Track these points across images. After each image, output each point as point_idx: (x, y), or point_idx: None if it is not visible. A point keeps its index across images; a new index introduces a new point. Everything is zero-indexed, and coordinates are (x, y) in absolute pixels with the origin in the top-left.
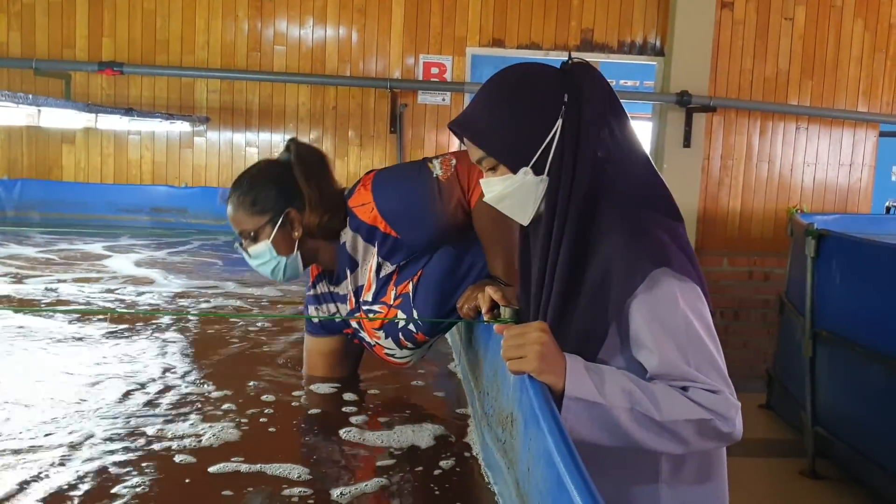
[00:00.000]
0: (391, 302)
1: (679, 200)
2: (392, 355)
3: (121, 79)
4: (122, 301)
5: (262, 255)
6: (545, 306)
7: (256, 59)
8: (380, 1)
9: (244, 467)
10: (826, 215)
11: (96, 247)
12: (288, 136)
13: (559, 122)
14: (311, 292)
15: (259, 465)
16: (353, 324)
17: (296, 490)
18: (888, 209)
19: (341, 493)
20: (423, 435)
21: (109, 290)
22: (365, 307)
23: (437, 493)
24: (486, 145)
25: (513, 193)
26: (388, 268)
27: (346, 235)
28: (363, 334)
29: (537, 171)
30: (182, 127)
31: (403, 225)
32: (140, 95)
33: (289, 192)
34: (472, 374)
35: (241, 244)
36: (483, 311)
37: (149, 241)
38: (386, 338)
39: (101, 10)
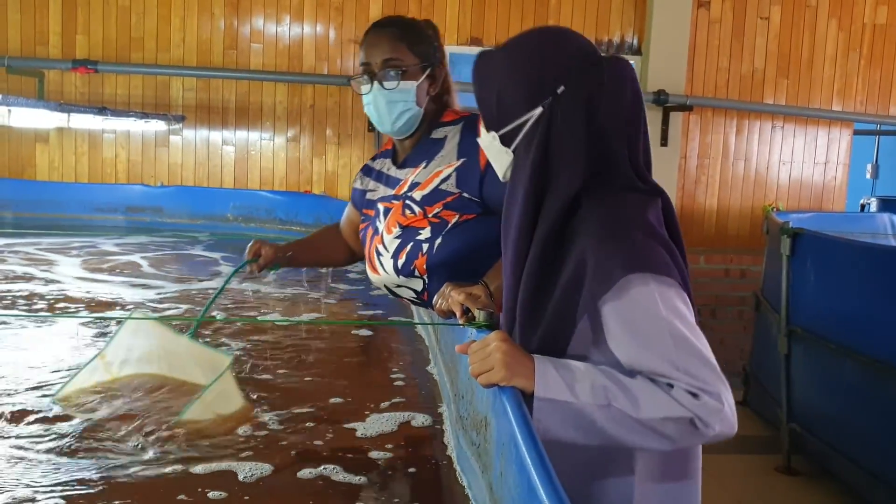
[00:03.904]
0: (430, 215)
1: None
2: (380, 256)
3: (95, 77)
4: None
5: (402, 94)
6: (516, 300)
7: (233, 57)
8: None
9: (209, 466)
10: (801, 213)
11: (75, 244)
12: (265, 135)
13: (539, 110)
14: (371, 163)
15: (229, 461)
16: (381, 207)
17: (264, 487)
18: (863, 207)
19: (314, 494)
20: (398, 435)
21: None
22: (408, 200)
23: (411, 494)
24: (476, 90)
25: (488, 148)
26: (451, 188)
27: (449, 132)
28: (379, 221)
29: (505, 141)
30: (157, 125)
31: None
32: (115, 93)
33: (441, 51)
34: (448, 377)
35: (371, 76)
36: (457, 315)
37: (134, 242)
38: (395, 238)
39: (74, 6)
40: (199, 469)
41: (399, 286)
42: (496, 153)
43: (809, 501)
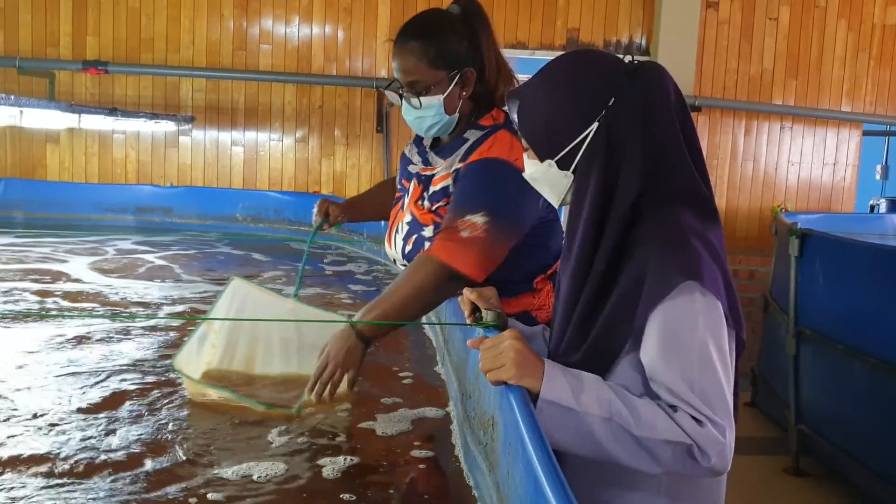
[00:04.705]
0: (432, 210)
1: None
2: (396, 233)
3: (105, 77)
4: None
5: (429, 108)
6: (569, 319)
7: (242, 58)
8: (366, 0)
9: (223, 465)
10: (810, 214)
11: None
12: (273, 136)
13: (595, 125)
14: (420, 138)
15: (239, 462)
16: (413, 184)
17: (271, 487)
18: (872, 208)
19: (320, 493)
20: (405, 435)
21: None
22: (425, 191)
23: (418, 493)
24: (520, 125)
25: (540, 179)
26: (451, 188)
27: (472, 136)
28: (407, 197)
29: (563, 166)
30: (167, 126)
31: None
32: (125, 94)
33: (472, 51)
34: (455, 376)
35: (401, 92)
36: (465, 314)
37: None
38: (407, 223)
39: (85, 8)
40: (213, 469)
41: (404, 264)
42: (554, 180)
43: (817, 503)
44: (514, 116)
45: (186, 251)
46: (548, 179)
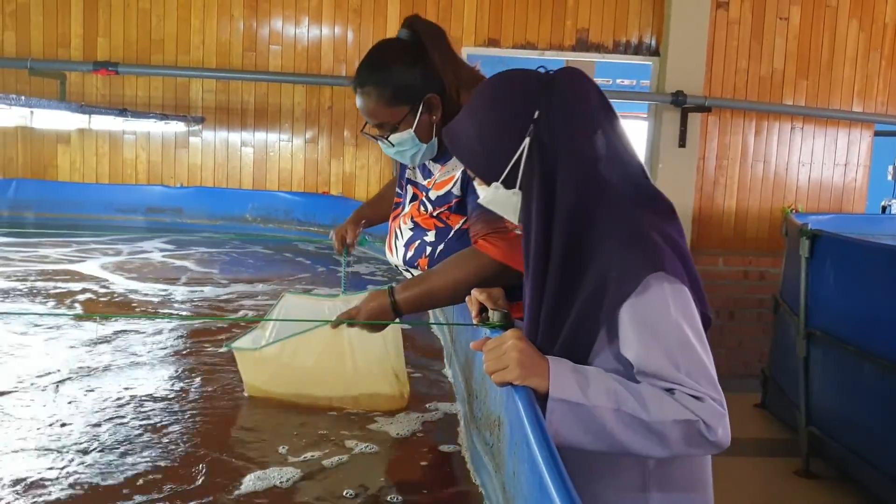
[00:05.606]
0: (434, 215)
1: (674, 200)
2: (396, 239)
3: (116, 78)
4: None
5: (404, 143)
6: (538, 315)
7: (252, 59)
8: (375, 1)
9: (237, 467)
10: (821, 215)
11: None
12: (283, 137)
13: (527, 140)
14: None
15: (246, 459)
16: (411, 191)
17: (282, 483)
18: (884, 209)
19: (328, 491)
20: (413, 434)
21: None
22: (425, 197)
23: (425, 493)
24: (460, 157)
25: (493, 202)
26: (457, 191)
27: None
28: (407, 208)
29: (508, 185)
30: (177, 127)
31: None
32: (135, 95)
33: (427, 76)
34: (462, 377)
35: (375, 134)
36: (472, 314)
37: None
38: (409, 230)
39: (96, 9)
40: (228, 468)
41: (406, 269)
42: (504, 200)
43: None
44: (453, 151)
45: (224, 253)
46: (499, 201)
